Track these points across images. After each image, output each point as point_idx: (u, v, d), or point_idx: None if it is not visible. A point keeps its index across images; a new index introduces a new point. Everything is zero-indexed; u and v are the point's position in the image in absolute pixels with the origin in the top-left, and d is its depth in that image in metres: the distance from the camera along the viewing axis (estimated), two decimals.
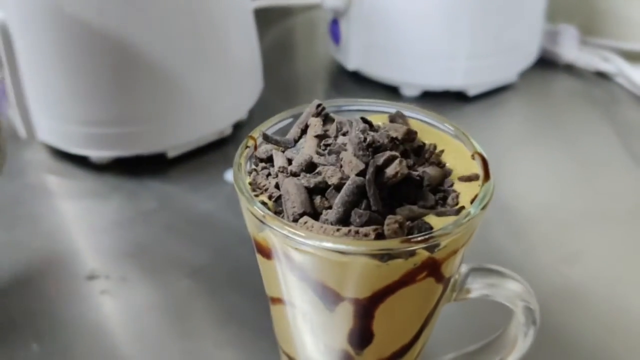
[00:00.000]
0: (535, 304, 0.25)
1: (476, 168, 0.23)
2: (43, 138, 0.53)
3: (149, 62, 0.49)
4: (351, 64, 0.64)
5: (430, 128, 0.25)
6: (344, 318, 0.22)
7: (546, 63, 0.71)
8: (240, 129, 0.59)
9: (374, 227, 0.19)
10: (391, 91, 0.65)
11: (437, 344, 0.36)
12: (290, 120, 0.26)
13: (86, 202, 0.51)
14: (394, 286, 0.20)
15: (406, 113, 0.25)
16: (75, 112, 0.50)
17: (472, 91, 0.63)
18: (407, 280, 0.20)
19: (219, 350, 0.38)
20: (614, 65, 0.67)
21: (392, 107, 0.26)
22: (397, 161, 0.20)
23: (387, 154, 0.20)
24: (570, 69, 0.71)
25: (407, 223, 0.20)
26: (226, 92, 0.55)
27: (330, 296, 0.21)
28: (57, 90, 0.50)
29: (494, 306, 0.26)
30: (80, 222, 0.49)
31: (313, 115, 0.24)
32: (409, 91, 0.63)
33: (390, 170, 0.20)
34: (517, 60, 0.65)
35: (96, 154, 0.53)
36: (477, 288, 0.25)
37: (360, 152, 0.20)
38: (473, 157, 0.23)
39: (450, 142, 0.24)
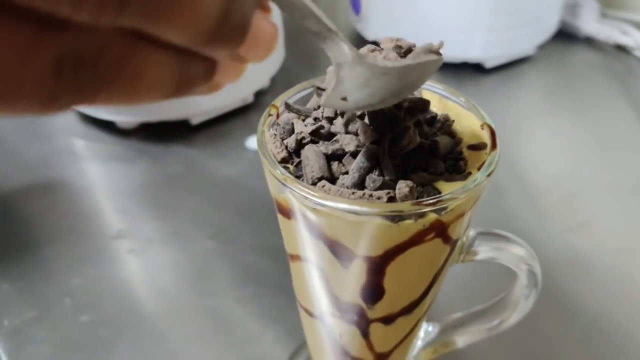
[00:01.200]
0: (537, 267, 0.27)
1: (485, 138, 0.24)
2: None
3: None
4: (371, 34, 0.65)
5: (443, 99, 0.26)
6: (357, 274, 0.23)
7: (565, 36, 0.72)
8: (262, 96, 0.61)
9: (386, 191, 0.21)
10: None
11: (447, 302, 0.38)
12: (310, 89, 0.27)
13: (113, 166, 0.53)
14: (404, 245, 0.22)
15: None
16: None
17: (489, 63, 0.64)
18: (416, 240, 0.22)
19: (239, 306, 0.40)
20: (633, 38, 0.67)
21: None
22: (410, 132, 0.22)
23: (401, 125, 0.22)
24: (589, 42, 0.71)
25: (418, 188, 0.21)
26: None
27: (345, 254, 0.23)
28: None
29: (501, 268, 0.28)
30: (108, 185, 0.51)
31: None
32: None
33: (403, 141, 0.22)
34: (536, 33, 0.65)
35: (122, 119, 0.55)
36: (484, 251, 0.27)
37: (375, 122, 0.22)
38: (482, 127, 0.24)
39: (461, 113, 0.26)
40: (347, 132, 0.23)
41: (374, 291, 0.24)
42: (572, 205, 0.49)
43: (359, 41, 0.69)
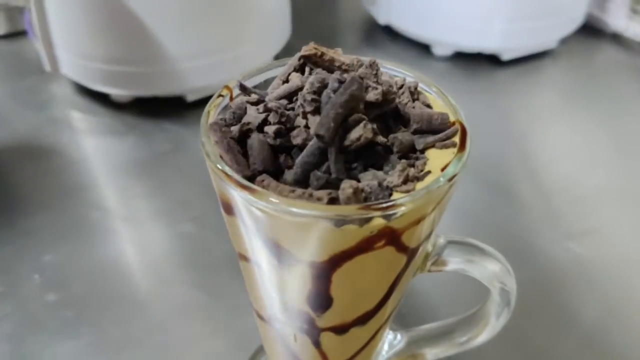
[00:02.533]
0: (512, 285, 0.24)
1: (457, 136, 0.22)
2: (66, 72, 0.54)
3: (172, 2, 0.49)
4: (382, 18, 0.62)
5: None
6: (302, 280, 0.21)
7: (591, 30, 0.68)
8: None
9: (328, 191, 0.18)
10: (422, 49, 0.63)
11: (418, 310, 0.36)
12: (279, 68, 0.25)
13: (103, 139, 0.52)
14: (350, 252, 0.20)
15: (391, 72, 0.24)
16: (97, 48, 0.50)
17: (506, 55, 0.61)
18: (364, 247, 0.19)
19: (210, 297, 0.38)
20: None
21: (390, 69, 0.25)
22: (361, 124, 0.19)
23: (355, 116, 0.19)
24: (616, 39, 0.67)
25: (367, 189, 0.19)
26: (250, 36, 0.54)
27: (286, 257, 0.20)
28: (80, 25, 0.50)
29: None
30: (95, 158, 0.50)
31: (295, 69, 0.23)
32: (440, 50, 0.61)
33: (353, 134, 0.19)
34: (558, 26, 0.62)
35: (116, 92, 0.53)
36: (454, 262, 0.25)
37: (332, 112, 0.19)
38: (454, 124, 0.22)
39: (434, 105, 0.23)
40: (306, 126, 0.21)
41: (321, 299, 0.22)
42: (579, 210, 0.46)
43: (370, 25, 0.66)
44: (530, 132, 0.55)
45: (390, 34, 0.64)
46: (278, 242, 0.20)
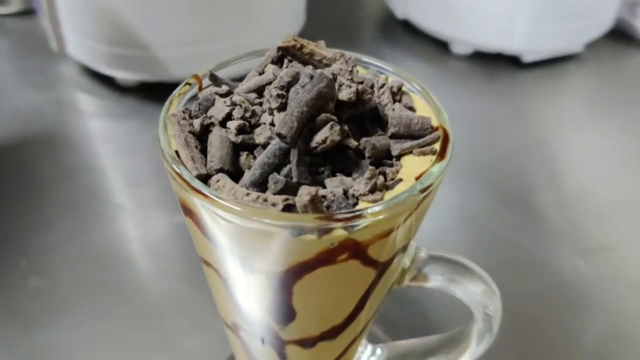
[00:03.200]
0: (496, 308, 0.22)
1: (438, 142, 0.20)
2: (73, 53, 0.53)
3: None
4: (400, 12, 0.60)
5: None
6: (261, 290, 0.20)
7: (620, 35, 0.64)
8: None
9: (284, 197, 0.17)
10: (441, 46, 0.60)
11: (411, 320, 0.34)
12: (255, 58, 0.23)
13: (104, 122, 0.51)
14: (310, 264, 0.18)
15: (376, 69, 0.23)
16: (104, 30, 0.49)
17: (527, 57, 0.58)
18: (325, 259, 0.18)
19: (194, 291, 0.37)
20: None
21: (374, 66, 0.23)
22: (327, 126, 0.17)
23: (323, 116, 0.18)
24: None
25: (329, 196, 0.17)
26: (259, 25, 0.52)
27: (245, 265, 0.19)
28: (87, 6, 0.49)
29: None
30: (94, 142, 0.49)
31: (273, 61, 0.22)
32: (459, 48, 0.59)
33: (319, 136, 0.17)
34: (585, 29, 0.59)
35: (121, 75, 0.52)
36: (436, 278, 0.23)
37: (297, 111, 0.18)
38: (436, 129, 0.20)
39: (418, 106, 0.21)
40: (272, 123, 0.19)
41: (283, 311, 0.20)
42: (591, 225, 0.43)
43: (388, 19, 0.64)
44: (549, 139, 0.52)
45: (408, 28, 0.62)
46: (236, 249, 0.19)
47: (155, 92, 0.53)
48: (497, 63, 0.59)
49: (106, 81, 0.54)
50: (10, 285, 0.37)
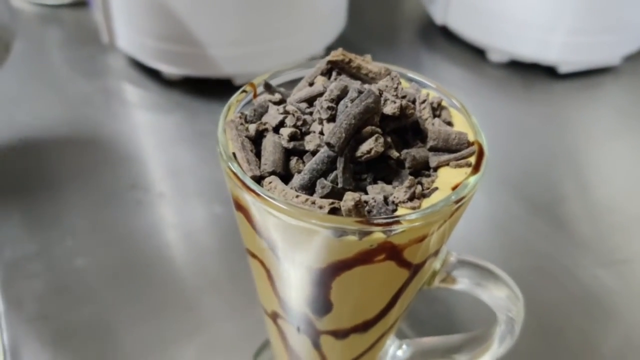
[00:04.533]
0: (518, 313, 0.24)
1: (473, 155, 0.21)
2: (122, 46, 0.55)
3: None
4: (439, 18, 0.61)
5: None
6: (302, 283, 0.21)
7: None
8: None
9: (330, 200, 0.18)
10: (478, 53, 0.61)
11: (438, 319, 0.36)
12: (308, 70, 0.25)
13: (148, 114, 0.53)
14: (349, 262, 0.20)
15: (414, 82, 0.24)
16: (152, 26, 0.52)
17: (564, 68, 0.59)
18: (363, 259, 0.19)
19: (230, 281, 0.39)
20: None
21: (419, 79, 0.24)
22: (372, 138, 0.19)
23: (369, 128, 0.19)
24: None
25: (371, 202, 0.19)
26: (302, 26, 0.54)
27: (289, 259, 0.21)
28: (139, 2, 0.51)
29: None
30: (139, 133, 0.51)
31: (322, 72, 0.23)
32: (495, 57, 0.60)
33: (365, 146, 0.19)
34: (623, 42, 0.59)
35: (167, 69, 0.54)
36: (464, 281, 0.24)
37: (345, 123, 0.19)
38: (472, 143, 0.21)
39: (456, 121, 0.23)
40: (321, 132, 0.21)
41: (321, 303, 0.22)
42: (617, 237, 0.44)
43: (427, 24, 0.65)
44: (581, 150, 0.53)
45: (447, 34, 0.63)
46: (281, 243, 0.20)
47: (199, 87, 0.55)
48: (533, 72, 0.60)
49: (152, 74, 0.56)
50: (57, 263, 0.40)
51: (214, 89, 0.55)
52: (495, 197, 0.46)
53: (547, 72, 0.60)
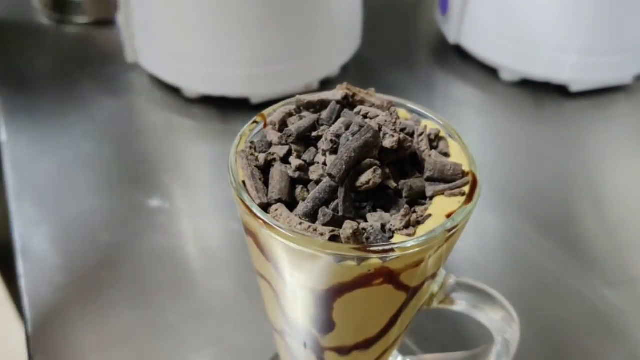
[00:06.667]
0: (513, 334, 0.25)
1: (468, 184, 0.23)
2: (144, 64, 0.57)
3: (243, 9, 0.51)
4: (452, 37, 0.63)
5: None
6: (306, 303, 0.23)
7: None
8: (328, 85, 0.60)
9: (331, 228, 0.20)
10: (490, 72, 0.62)
11: (442, 335, 0.37)
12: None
13: (170, 131, 0.55)
14: (349, 285, 0.21)
15: (415, 113, 0.25)
16: (172, 45, 0.54)
17: (575, 87, 0.60)
18: (362, 282, 0.21)
19: (243, 292, 0.40)
20: None
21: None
22: (371, 170, 0.20)
23: (368, 161, 0.21)
24: None
25: (369, 229, 0.20)
26: (318, 47, 0.55)
27: (293, 281, 0.22)
28: (159, 22, 0.53)
29: None
30: (161, 149, 0.53)
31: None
32: (507, 76, 0.61)
33: (364, 177, 0.21)
34: (635, 61, 0.60)
35: (187, 87, 0.56)
36: (462, 303, 0.26)
37: (346, 155, 0.21)
38: (467, 174, 0.23)
39: (453, 151, 0.24)
40: (324, 163, 0.22)
41: (324, 322, 0.23)
42: (624, 257, 0.45)
43: (439, 42, 0.67)
44: (592, 169, 0.54)
45: (460, 53, 0.64)
46: (287, 267, 0.22)
47: (217, 105, 0.57)
48: (545, 91, 0.61)
49: (173, 91, 0.58)
50: (82, 275, 0.41)
51: (232, 107, 0.57)
52: (504, 216, 0.48)
53: (559, 91, 0.61)
